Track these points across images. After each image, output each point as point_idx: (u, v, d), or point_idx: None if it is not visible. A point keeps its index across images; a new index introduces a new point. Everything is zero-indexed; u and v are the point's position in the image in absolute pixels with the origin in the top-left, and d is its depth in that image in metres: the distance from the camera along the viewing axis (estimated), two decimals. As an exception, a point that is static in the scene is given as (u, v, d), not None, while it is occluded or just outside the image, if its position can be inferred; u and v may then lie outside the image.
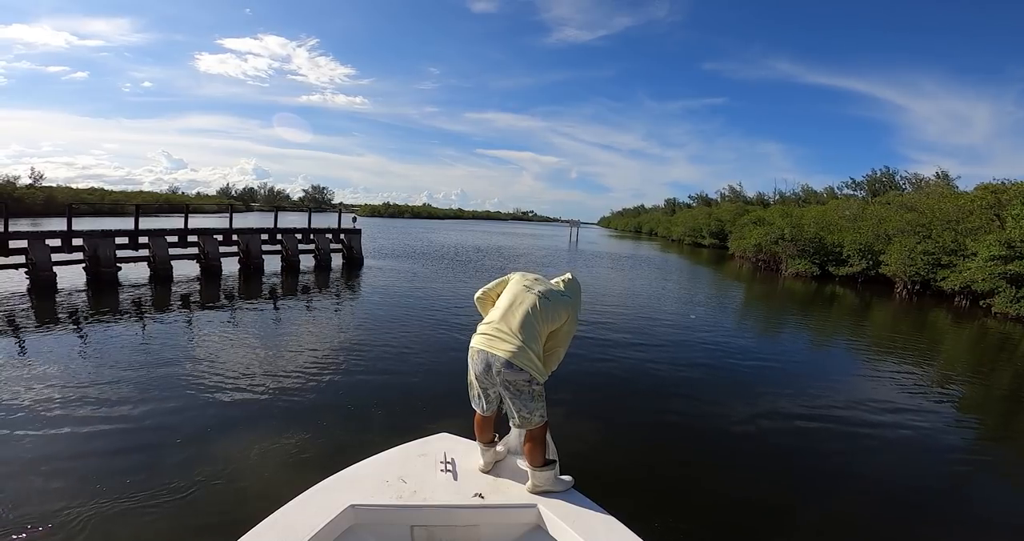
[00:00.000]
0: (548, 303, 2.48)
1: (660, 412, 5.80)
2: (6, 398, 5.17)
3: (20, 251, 11.39)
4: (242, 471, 3.95)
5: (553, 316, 2.48)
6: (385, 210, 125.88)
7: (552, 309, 2.48)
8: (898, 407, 6.47)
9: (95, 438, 4.43)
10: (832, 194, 41.03)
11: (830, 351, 10.20)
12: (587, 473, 4.14)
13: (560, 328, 2.53)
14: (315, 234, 17.49)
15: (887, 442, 5.39)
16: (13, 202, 25.24)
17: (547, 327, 2.46)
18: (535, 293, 2.50)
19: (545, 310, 2.46)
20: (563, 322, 2.52)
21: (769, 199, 49.04)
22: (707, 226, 45.18)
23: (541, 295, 2.50)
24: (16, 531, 3.11)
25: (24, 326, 8.27)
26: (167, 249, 13.60)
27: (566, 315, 2.53)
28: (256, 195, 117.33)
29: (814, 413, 6.03)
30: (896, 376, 8.01)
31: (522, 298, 2.48)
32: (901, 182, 36.47)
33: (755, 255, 27.10)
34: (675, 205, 76.29)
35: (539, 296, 2.49)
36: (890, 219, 21.93)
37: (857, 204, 28.88)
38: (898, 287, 19.24)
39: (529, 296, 2.49)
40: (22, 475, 3.81)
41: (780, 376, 7.69)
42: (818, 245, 23.54)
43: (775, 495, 4.14)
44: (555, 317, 2.49)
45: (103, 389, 5.52)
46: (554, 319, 2.48)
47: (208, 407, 5.20)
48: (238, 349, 7.32)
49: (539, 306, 2.45)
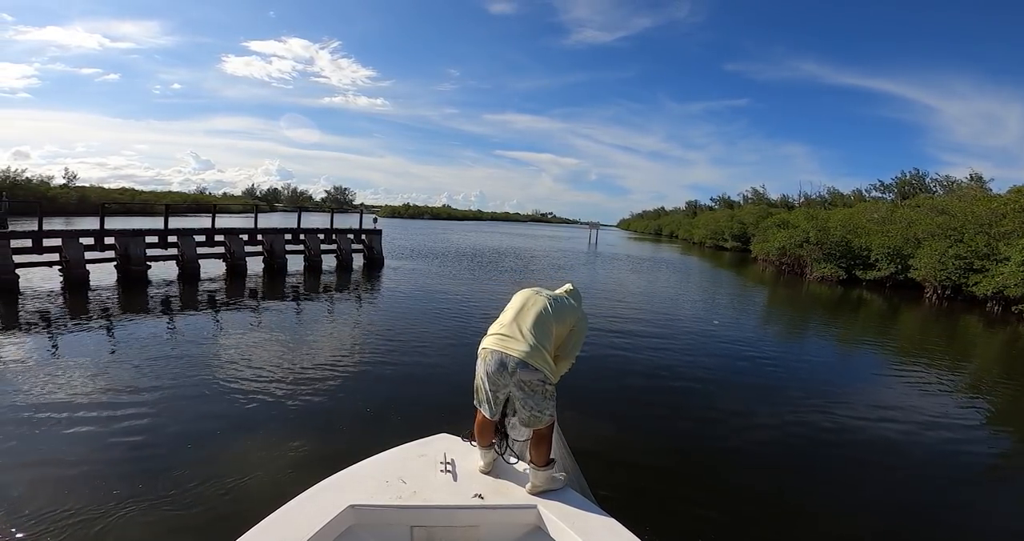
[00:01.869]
0: (556, 304, 2.60)
1: (676, 415, 5.74)
2: (35, 393, 5.33)
3: (55, 249, 11.77)
4: (248, 471, 3.94)
5: (562, 317, 2.57)
6: (405, 211, 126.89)
7: (560, 311, 2.58)
8: (925, 416, 6.29)
9: (111, 435, 4.47)
10: (860, 197, 40.09)
11: (856, 357, 9.97)
12: (597, 474, 4.11)
13: (570, 331, 2.61)
14: (337, 234, 17.73)
15: (913, 451, 5.25)
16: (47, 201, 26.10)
17: (557, 328, 2.54)
18: (543, 296, 2.62)
19: (555, 311, 2.56)
20: (572, 325, 2.62)
21: (794, 201, 48.15)
22: (729, 229, 44.54)
23: (549, 298, 2.62)
24: (26, 529, 3.14)
25: (58, 322, 8.54)
26: (195, 248, 13.91)
27: (574, 318, 2.64)
28: (280, 196, 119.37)
29: (835, 421, 5.87)
30: (925, 384, 7.79)
31: (532, 301, 2.59)
32: (932, 184, 35.41)
33: (778, 258, 26.64)
34: (696, 207, 75.37)
35: (547, 299, 2.61)
36: (920, 222, 21.36)
37: (886, 207, 28.21)
38: (928, 292, 18.73)
39: (539, 299, 2.60)
40: (41, 471, 3.86)
41: (803, 382, 7.53)
42: (845, 248, 23.04)
43: (788, 503, 4.06)
44: (564, 319, 2.58)
45: (125, 386, 5.63)
46: (563, 321, 2.57)
47: (225, 407, 5.24)
48: (260, 349, 7.45)
49: (549, 308, 2.55)
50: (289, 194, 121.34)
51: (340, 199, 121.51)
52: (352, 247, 18.01)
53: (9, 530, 3.10)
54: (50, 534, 3.10)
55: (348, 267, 17.39)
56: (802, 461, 4.85)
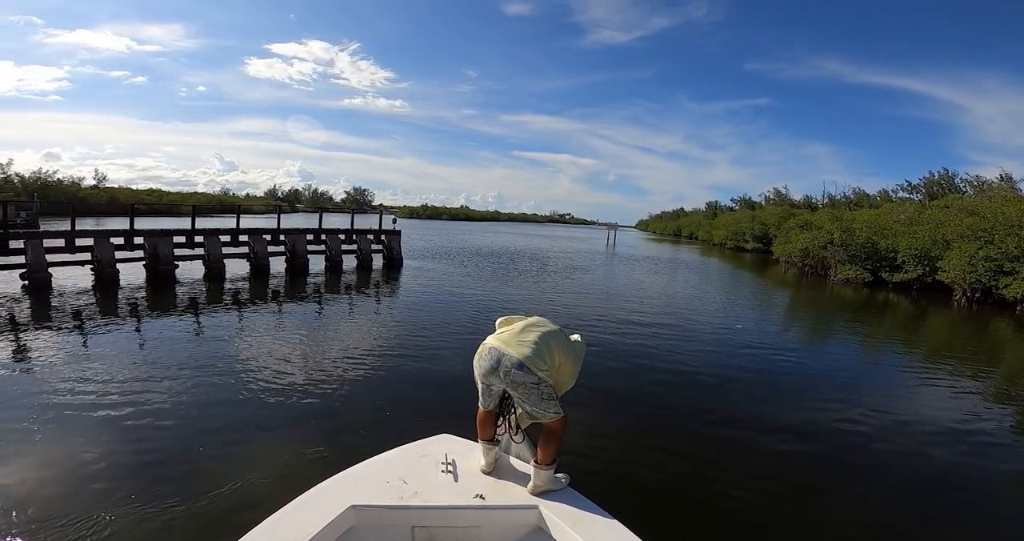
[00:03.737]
0: (563, 335, 2.69)
1: (691, 418, 5.68)
2: (61, 388, 5.49)
3: (87, 248, 12.14)
4: (256, 470, 3.96)
5: (565, 347, 2.63)
6: (423, 212, 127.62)
7: (566, 341, 2.66)
8: (951, 424, 6.14)
9: (120, 430, 4.54)
10: (886, 197, 39.22)
11: (881, 361, 9.76)
12: (603, 474, 4.12)
13: (564, 363, 2.63)
14: (357, 235, 17.95)
15: (939, 460, 5.13)
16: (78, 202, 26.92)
17: (558, 353, 2.58)
18: (555, 325, 2.72)
19: (560, 339, 2.63)
20: (567, 359, 2.64)
21: (817, 202, 47.31)
22: (750, 230, 43.90)
23: (559, 329, 2.70)
24: (27, 526, 3.18)
25: (89, 320, 8.81)
26: (221, 248, 14.22)
27: (575, 354, 2.69)
28: (300, 196, 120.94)
29: (858, 427, 5.76)
30: (952, 389, 7.61)
31: (543, 323, 2.69)
32: (961, 185, 34.51)
33: (801, 260, 26.19)
34: (716, 208, 74.45)
35: (559, 328, 2.70)
36: (949, 223, 20.83)
37: (913, 207, 27.56)
38: (956, 294, 18.26)
39: (550, 324, 2.70)
40: (55, 462, 3.95)
41: (826, 386, 7.40)
42: (870, 250, 22.56)
43: (803, 509, 4.00)
44: (566, 349, 2.63)
45: (144, 381, 5.77)
46: (565, 350, 2.62)
47: (239, 404, 5.30)
48: (282, 347, 7.58)
49: (557, 334, 2.64)
50: (309, 195, 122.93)
51: (359, 200, 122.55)
52: (372, 247, 18.23)
53: (11, 524, 3.17)
54: (51, 530, 3.14)
55: (368, 267, 17.60)
56: (820, 466, 4.76)
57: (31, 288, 10.79)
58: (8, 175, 50.02)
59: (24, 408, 4.90)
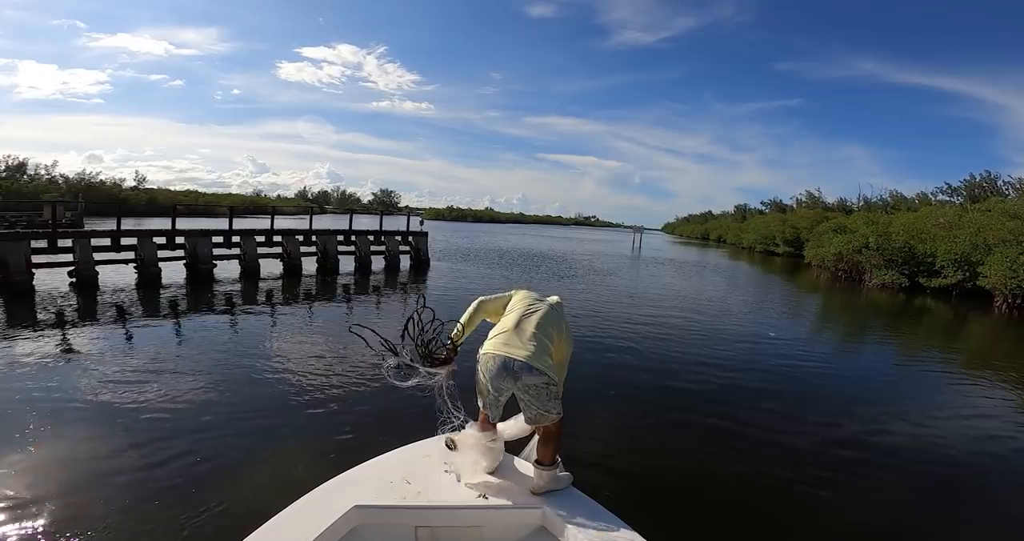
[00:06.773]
0: (555, 313, 2.69)
1: (716, 422, 5.57)
2: (95, 386, 5.69)
3: (130, 248, 12.66)
4: (267, 470, 3.97)
5: (559, 325, 2.64)
6: (449, 214, 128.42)
7: (558, 319, 2.67)
8: (991, 432, 5.97)
9: (129, 427, 4.60)
10: (925, 200, 37.92)
11: (917, 369, 9.50)
12: (609, 475, 4.11)
13: (563, 340, 2.65)
14: (385, 236, 18.25)
15: (971, 470, 4.99)
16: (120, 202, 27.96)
17: (556, 335, 2.60)
18: (546, 304, 2.71)
19: (554, 319, 2.64)
20: (565, 332, 2.67)
21: (852, 205, 46.01)
22: (781, 233, 42.95)
23: (550, 307, 2.70)
24: (36, 518, 3.24)
25: (132, 315, 9.23)
26: (256, 248, 14.65)
27: (566, 327, 2.71)
28: (329, 198, 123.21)
29: (889, 436, 5.64)
30: (991, 400, 7.37)
31: (534, 308, 2.65)
32: (1004, 187, 33.21)
33: (835, 264, 25.55)
34: (746, 211, 73.09)
35: (549, 307, 2.69)
36: (990, 227, 20.07)
37: (953, 211, 26.62)
38: (998, 301, 17.60)
39: (540, 305, 2.68)
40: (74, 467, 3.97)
41: (859, 392, 7.25)
42: (908, 255, 21.90)
43: (827, 518, 3.92)
44: (560, 327, 2.65)
45: (177, 378, 5.94)
46: (560, 328, 2.64)
47: (262, 402, 5.35)
48: (312, 346, 7.80)
49: (550, 316, 2.63)
50: (338, 196, 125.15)
51: (386, 201, 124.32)
52: (400, 248, 18.51)
53: (19, 518, 3.24)
54: (56, 525, 3.19)
55: (396, 268, 17.87)
56: (839, 474, 4.64)
57: (79, 285, 11.29)
58: (53, 176, 52.36)
59: (62, 400, 5.10)
